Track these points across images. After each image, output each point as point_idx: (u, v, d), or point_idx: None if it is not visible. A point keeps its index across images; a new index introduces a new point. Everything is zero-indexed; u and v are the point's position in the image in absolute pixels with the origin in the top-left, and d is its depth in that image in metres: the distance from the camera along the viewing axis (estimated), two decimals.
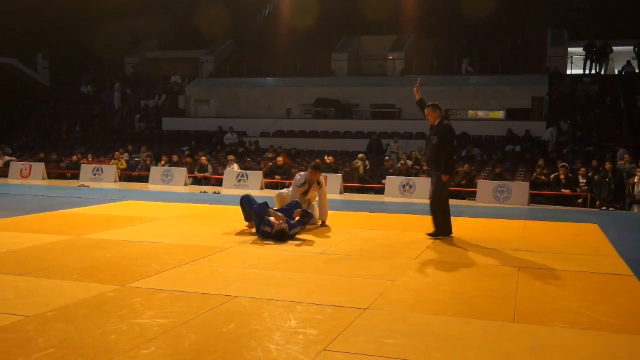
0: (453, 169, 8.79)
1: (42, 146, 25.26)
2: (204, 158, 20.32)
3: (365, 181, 18.48)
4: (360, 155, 19.30)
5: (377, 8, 30.15)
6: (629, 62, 24.75)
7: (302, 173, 9.53)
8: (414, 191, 16.45)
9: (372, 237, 8.37)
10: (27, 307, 4.71)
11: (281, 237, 7.79)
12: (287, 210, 8.53)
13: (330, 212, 9.49)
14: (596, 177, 15.72)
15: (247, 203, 8.59)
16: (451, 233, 8.45)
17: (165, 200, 12.98)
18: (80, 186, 17.78)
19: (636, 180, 14.96)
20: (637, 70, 24.81)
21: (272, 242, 7.72)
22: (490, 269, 6.33)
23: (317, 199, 9.38)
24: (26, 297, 5.03)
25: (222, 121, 26.15)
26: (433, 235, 8.32)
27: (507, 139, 21.91)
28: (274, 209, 8.59)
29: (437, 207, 8.40)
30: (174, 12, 35.88)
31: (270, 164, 19.24)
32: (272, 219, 8.05)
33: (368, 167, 19.17)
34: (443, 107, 27.87)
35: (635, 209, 14.63)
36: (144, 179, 19.89)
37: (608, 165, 15.53)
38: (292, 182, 9.52)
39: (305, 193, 9.23)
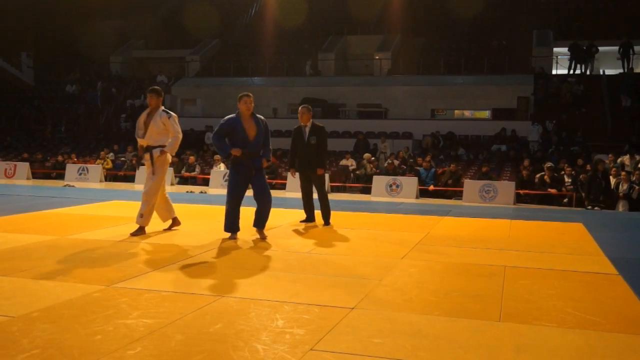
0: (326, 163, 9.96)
1: (26, 146, 25.09)
2: (192, 157, 20.25)
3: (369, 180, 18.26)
4: (366, 155, 19.24)
5: (364, 8, 30.26)
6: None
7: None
8: (400, 190, 16.48)
9: (359, 236, 8.38)
10: (11, 307, 4.67)
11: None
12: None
13: (316, 212, 9.54)
14: (582, 176, 15.80)
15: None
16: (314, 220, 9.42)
17: None
18: (65, 186, 17.68)
19: (621, 178, 15.08)
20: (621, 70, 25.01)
21: (258, 242, 7.70)
22: (476, 268, 6.34)
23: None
24: (10, 297, 4.98)
25: (208, 120, 26.07)
26: (306, 221, 9.41)
27: (497, 137, 22.01)
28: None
29: (325, 197, 9.36)
30: (160, 11, 35.83)
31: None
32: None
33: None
34: (429, 106, 27.65)
35: (620, 207, 14.74)
36: (130, 179, 19.80)
37: (601, 167, 15.59)
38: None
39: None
